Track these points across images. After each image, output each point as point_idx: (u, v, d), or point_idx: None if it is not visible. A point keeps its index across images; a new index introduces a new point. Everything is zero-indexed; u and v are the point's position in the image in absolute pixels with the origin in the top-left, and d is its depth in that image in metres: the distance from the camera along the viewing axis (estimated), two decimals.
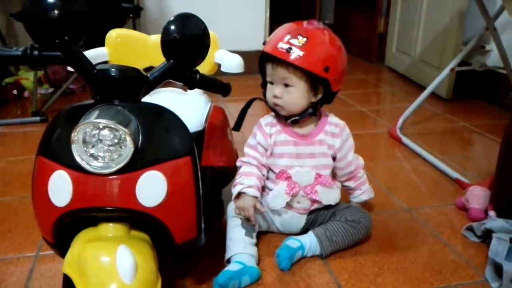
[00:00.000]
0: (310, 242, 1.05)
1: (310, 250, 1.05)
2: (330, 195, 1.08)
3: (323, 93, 1.03)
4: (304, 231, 1.11)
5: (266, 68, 1.04)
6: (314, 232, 1.06)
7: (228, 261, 1.00)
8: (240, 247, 1.01)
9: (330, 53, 1.00)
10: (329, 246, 1.05)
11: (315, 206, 1.09)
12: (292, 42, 0.97)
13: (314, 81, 1.00)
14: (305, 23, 1.01)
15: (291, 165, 1.07)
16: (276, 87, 1.02)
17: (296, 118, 1.05)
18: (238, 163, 1.11)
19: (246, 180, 1.04)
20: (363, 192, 1.15)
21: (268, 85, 1.05)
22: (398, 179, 1.51)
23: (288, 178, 1.07)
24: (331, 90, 1.02)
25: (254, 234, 1.05)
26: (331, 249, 1.05)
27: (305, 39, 0.97)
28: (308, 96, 1.02)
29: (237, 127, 1.14)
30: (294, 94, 1.01)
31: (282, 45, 0.97)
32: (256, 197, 1.03)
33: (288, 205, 1.08)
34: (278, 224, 1.12)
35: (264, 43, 1.03)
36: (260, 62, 1.05)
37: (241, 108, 1.12)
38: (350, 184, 1.15)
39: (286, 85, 1.01)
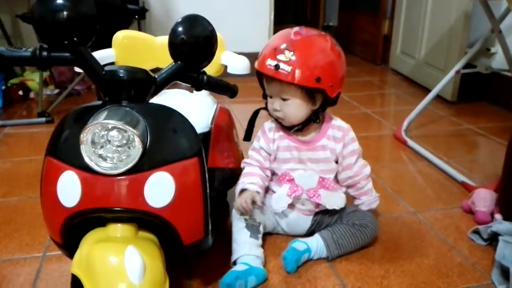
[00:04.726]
0: (316, 244, 1.05)
1: (316, 253, 1.05)
2: (334, 199, 1.07)
3: (322, 100, 1.01)
4: (309, 232, 1.11)
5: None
6: (320, 235, 1.06)
7: (234, 263, 1.00)
8: (245, 249, 1.01)
9: (321, 62, 0.96)
10: (336, 249, 1.05)
11: (320, 208, 1.09)
12: (279, 58, 0.95)
13: (309, 91, 0.98)
14: (292, 33, 0.98)
15: (294, 168, 1.07)
16: (275, 101, 1.02)
17: (299, 127, 1.04)
18: (242, 165, 1.12)
19: (248, 179, 1.06)
20: (363, 203, 1.12)
21: (268, 98, 1.04)
22: (403, 181, 1.50)
23: (291, 180, 1.07)
24: (329, 96, 1.00)
25: (260, 236, 1.05)
26: (337, 252, 1.05)
27: (291, 53, 0.94)
28: (306, 105, 1.01)
29: (247, 137, 1.13)
30: (292, 107, 1.00)
31: (270, 62, 0.96)
32: (257, 192, 1.03)
33: (293, 206, 1.08)
34: (284, 225, 1.12)
35: (257, 58, 1.02)
36: (257, 75, 1.04)
37: (249, 117, 1.11)
38: (350, 191, 1.13)
39: (284, 99, 1.00)
